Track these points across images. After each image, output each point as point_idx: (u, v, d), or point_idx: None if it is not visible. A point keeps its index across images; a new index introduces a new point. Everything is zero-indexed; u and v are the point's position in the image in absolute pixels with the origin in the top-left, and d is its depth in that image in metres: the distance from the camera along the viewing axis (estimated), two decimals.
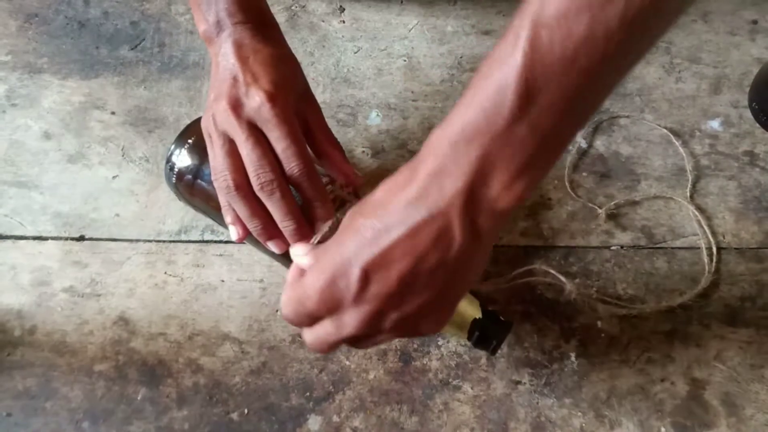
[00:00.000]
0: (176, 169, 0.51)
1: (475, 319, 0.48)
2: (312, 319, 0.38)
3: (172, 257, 0.56)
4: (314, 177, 0.44)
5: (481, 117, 0.32)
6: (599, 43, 0.29)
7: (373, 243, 0.34)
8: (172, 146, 0.51)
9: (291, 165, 0.43)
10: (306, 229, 0.44)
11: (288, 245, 0.45)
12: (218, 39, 0.46)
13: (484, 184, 0.33)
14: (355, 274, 0.34)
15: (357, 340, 0.38)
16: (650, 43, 0.32)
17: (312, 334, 0.38)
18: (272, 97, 0.42)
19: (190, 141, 0.50)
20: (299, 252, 0.43)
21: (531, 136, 0.32)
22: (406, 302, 0.35)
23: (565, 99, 0.31)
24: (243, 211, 0.45)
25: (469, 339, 0.49)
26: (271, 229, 0.45)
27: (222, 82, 0.44)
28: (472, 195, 0.33)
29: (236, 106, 0.43)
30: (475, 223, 0.34)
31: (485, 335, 0.49)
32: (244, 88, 0.43)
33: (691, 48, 0.64)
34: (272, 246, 0.46)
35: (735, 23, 0.65)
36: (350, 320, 0.36)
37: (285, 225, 0.44)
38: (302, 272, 0.39)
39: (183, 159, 0.50)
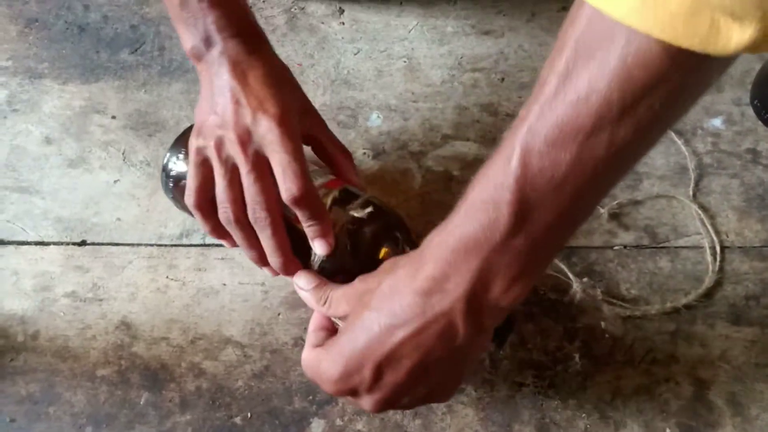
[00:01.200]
0: (173, 176, 0.50)
1: None
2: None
3: (173, 261, 0.56)
4: (312, 197, 0.43)
5: (479, 231, 0.34)
6: (587, 169, 0.31)
7: (383, 340, 0.37)
8: (168, 153, 0.50)
9: (289, 185, 0.42)
10: (293, 266, 0.46)
11: (277, 274, 0.47)
12: (209, 55, 0.45)
13: (485, 290, 0.35)
14: (368, 369, 0.37)
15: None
16: (638, 159, 0.34)
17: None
18: (280, 121, 0.42)
19: (186, 148, 0.49)
20: (301, 284, 0.45)
21: (527, 247, 0.34)
22: (417, 387, 0.39)
23: (558, 215, 0.33)
24: (239, 240, 0.46)
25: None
26: (266, 258, 0.46)
27: (223, 106, 0.43)
28: (474, 298, 0.36)
29: (244, 138, 0.42)
30: (478, 320, 0.37)
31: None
32: (251, 115, 0.42)
33: None
34: (266, 271, 0.48)
35: None
36: (366, 403, 0.40)
37: (272, 259, 0.45)
38: (322, 328, 0.44)
39: (180, 166, 0.50)
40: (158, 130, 0.61)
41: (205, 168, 0.45)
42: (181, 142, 0.50)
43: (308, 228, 0.44)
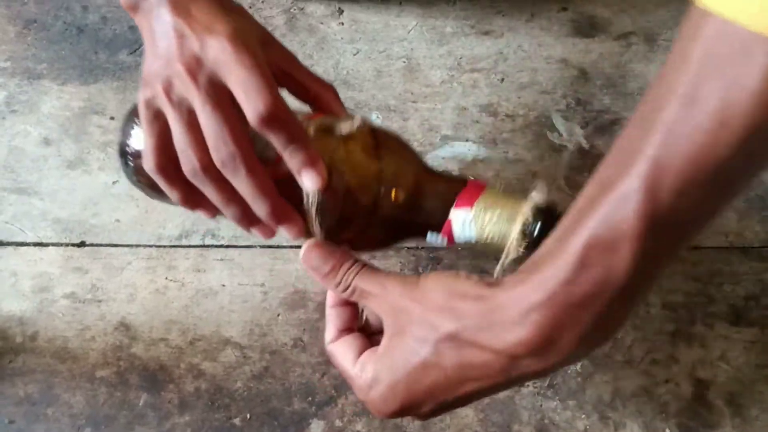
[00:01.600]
0: (131, 154, 0.42)
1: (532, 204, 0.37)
2: None
3: (172, 262, 0.56)
4: (284, 114, 0.35)
5: (594, 286, 0.29)
6: (721, 204, 0.27)
7: (451, 389, 0.33)
8: (122, 131, 0.42)
9: (253, 103, 0.34)
10: (286, 210, 0.37)
11: (274, 232, 0.40)
12: (145, 2, 0.37)
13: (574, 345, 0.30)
14: (428, 407, 0.34)
15: None
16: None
17: None
18: (233, 37, 0.35)
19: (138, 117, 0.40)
20: (312, 263, 0.37)
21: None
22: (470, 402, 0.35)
23: (671, 257, 0.29)
24: (214, 196, 0.37)
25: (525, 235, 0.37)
26: (252, 214, 0.38)
27: (166, 46, 0.36)
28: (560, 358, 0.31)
29: (192, 67, 0.35)
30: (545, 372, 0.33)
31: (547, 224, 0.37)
32: (197, 41, 0.35)
33: None
34: (257, 233, 0.40)
35: None
36: (417, 420, 0.38)
37: (257, 207, 0.37)
38: (342, 304, 0.38)
39: (136, 138, 0.41)
40: None
41: (159, 122, 0.37)
42: (132, 113, 0.42)
43: (289, 157, 0.36)
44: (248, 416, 0.51)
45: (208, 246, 0.57)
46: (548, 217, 0.36)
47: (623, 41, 0.64)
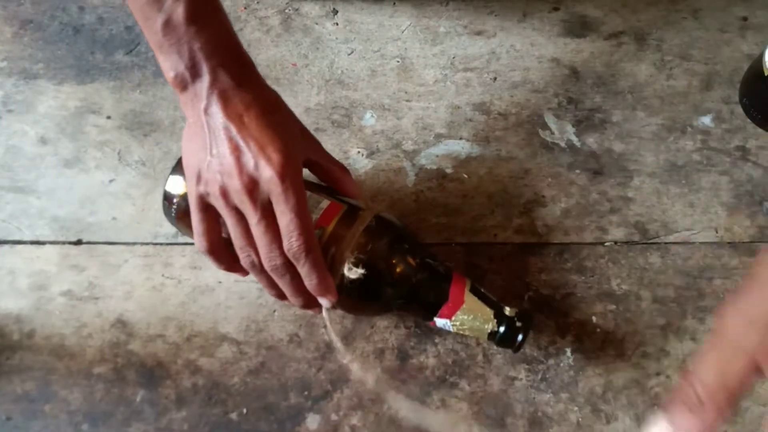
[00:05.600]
0: (176, 202, 0.49)
1: (498, 315, 0.48)
2: None
3: (169, 260, 0.57)
4: (313, 254, 0.43)
5: None
6: None
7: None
8: (170, 178, 0.48)
9: (291, 240, 0.42)
10: (315, 302, 0.46)
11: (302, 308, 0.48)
12: (195, 86, 0.42)
13: None
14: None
15: None
16: None
17: None
18: (283, 170, 0.41)
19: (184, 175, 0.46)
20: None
21: None
22: None
23: None
24: (264, 283, 0.46)
25: (491, 338, 0.48)
26: (303, 295, 0.46)
27: (222, 151, 0.42)
28: None
29: (250, 188, 0.41)
30: None
31: (510, 331, 0.47)
32: (253, 163, 0.41)
33: (682, 45, 0.64)
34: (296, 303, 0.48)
35: (725, 20, 0.65)
36: None
37: (294, 302, 0.46)
38: None
39: (182, 195, 0.48)
40: (153, 130, 0.62)
41: (209, 213, 0.44)
42: (179, 170, 0.48)
43: (308, 282, 0.44)
44: (245, 411, 0.52)
45: None
46: (512, 324, 0.47)
47: (614, 40, 0.65)
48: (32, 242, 0.57)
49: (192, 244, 0.57)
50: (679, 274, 0.56)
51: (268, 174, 0.41)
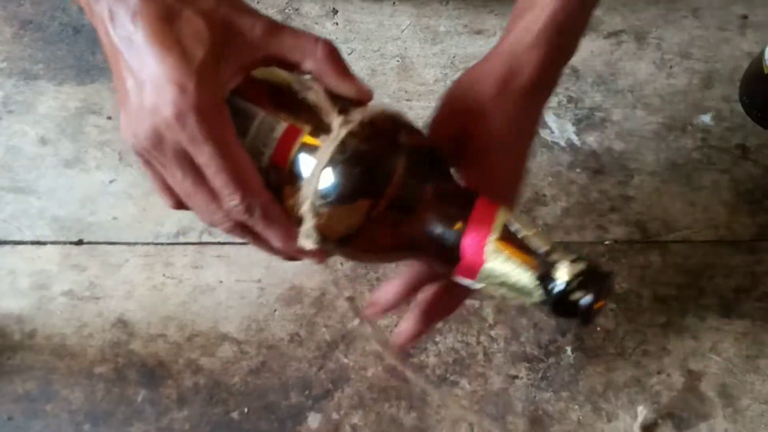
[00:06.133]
0: None
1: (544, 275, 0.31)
2: None
3: (170, 259, 0.57)
4: (261, 211, 0.33)
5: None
6: None
7: None
8: None
9: (226, 202, 0.32)
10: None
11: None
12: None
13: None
14: None
15: None
16: None
17: None
18: (178, 109, 0.30)
19: None
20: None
21: None
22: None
23: None
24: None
25: (546, 297, 0.31)
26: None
27: (122, 93, 0.32)
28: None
29: (155, 139, 0.31)
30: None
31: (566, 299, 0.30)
32: (149, 99, 0.30)
33: (682, 43, 0.64)
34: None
35: (725, 18, 0.65)
36: None
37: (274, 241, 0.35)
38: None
39: None
40: None
41: (153, 164, 0.34)
42: None
43: (274, 246, 0.35)
44: (246, 410, 0.52)
45: (205, 243, 0.57)
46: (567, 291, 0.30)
47: (614, 39, 0.65)
48: (33, 242, 0.58)
49: (194, 243, 0.57)
50: (679, 273, 0.56)
51: (164, 118, 0.30)
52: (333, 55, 0.34)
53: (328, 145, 0.32)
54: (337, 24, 0.66)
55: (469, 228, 0.32)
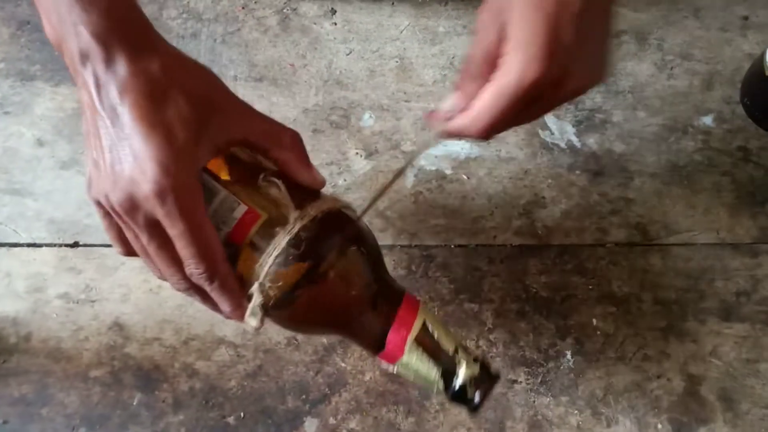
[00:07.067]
0: None
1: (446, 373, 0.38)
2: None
3: None
4: (219, 280, 0.36)
5: None
6: None
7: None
8: None
9: (189, 267, 0.35)
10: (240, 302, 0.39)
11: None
12: (68, 45, 0.34)
13: None
14: (570, 27, 0.33)
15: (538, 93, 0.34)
16: None
17: (526, 119, 0.38)
18: (160, 188, 0.33)
19: None
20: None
21: None
22: (604, 40, 0.36)
23: None
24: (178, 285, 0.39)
25: (445, 390, 0.39)
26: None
27: (98, 156, 0.34)
28: None
29: (129, 206, 0.34)
30: None
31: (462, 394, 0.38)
32: (127, 173, 0.33)
33: (683, 44, 0.64)
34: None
35: (726, 19, 0.65)
36: (582, 70, 0.35)
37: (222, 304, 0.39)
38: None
39: None
40: None
41: (112, 217, 0.37)
42: None
43: (223, 310, 0.38)
44: (242, 415, 0.51)
45: None
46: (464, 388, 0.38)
47: (614, 40, 0.64)
48: (29, 245, 0.57)
49: None
50: (680, 276, 0.55)
51: (143, 192, 0.33)
52: (298, 145, 0.39)
53: (282, 236, 0.37)
54: (335, 24, 0.66)
55: (395, 325, 0.38)
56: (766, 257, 0.56)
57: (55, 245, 0.57)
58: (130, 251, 0.38)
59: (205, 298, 0.38)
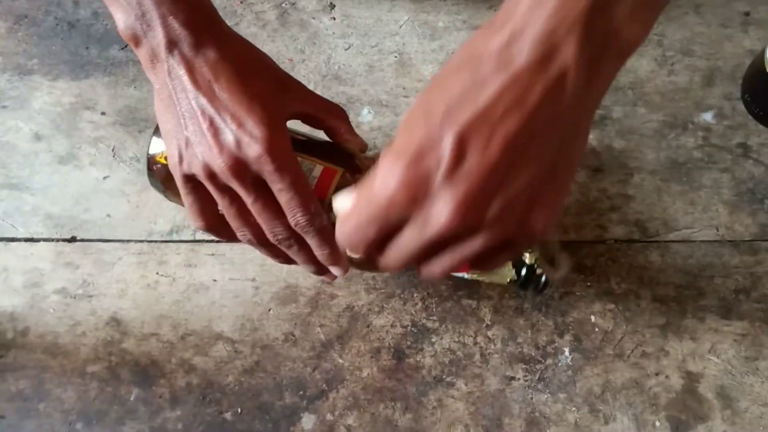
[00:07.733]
0: (161, 167, 0.46)
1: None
2: (385, 230, 0.31)
3: (163, 257, 0.56)
4: (321, 226, 0.41)
5: None
6: None
7: (466, 100, 0.27)
8: (153, 141, 0.47)
9: (296, 216, 0.40)
10: (327, 269, 0.44)
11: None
12: (149, 40, 0.38)
13: (604, 11, 0.27)
14: (447, 143, 0.27)
15: (447, 245, 0.30)
16: None
17: (391, 256, 0.32)
18: (269, 145, 0.37)
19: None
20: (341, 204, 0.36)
21: None
22: (513, 178, 0.28)
23: None
24: (267, 254, 0.45)
25: (516, 278, 0.48)
26: (314, 260, 0.44)
27: (196, 128, 0.38)
28: (591, 25, 0.26)
29: (238, 168, 0.38)
30: (593, 62, 0.27)
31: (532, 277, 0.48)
32: (234, 139, 0.38)
33: (684, 40, 0.63)
34: (327, 276, 0.46)
35: (727, 15, 0.64)
36: (442, 210, 0.28)
37: (306, 269, 0.45)
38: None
39: (157, 147, 0.46)
40: (148, 126, 0.61)
41: (199, 191, 0.41)
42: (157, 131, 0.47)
43: (319, 254, 0.42)
44: (239, 410, 0.51)
45: (199, 241, 0.56)
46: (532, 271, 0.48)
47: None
48: (26, 239, 0.57)
49: (187, 241, 0.56)
50: (679, 273, 0.55)
51: (254, 153, 0.37)
52: (346, 117, 0.45)
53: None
54: (334, 19, 0.65)
55: None
56: (766, 255, 0.56)
57: (52, 240, 0.57)
58: (210, 224, 0.42)
59: (301, 246, 0.42)
